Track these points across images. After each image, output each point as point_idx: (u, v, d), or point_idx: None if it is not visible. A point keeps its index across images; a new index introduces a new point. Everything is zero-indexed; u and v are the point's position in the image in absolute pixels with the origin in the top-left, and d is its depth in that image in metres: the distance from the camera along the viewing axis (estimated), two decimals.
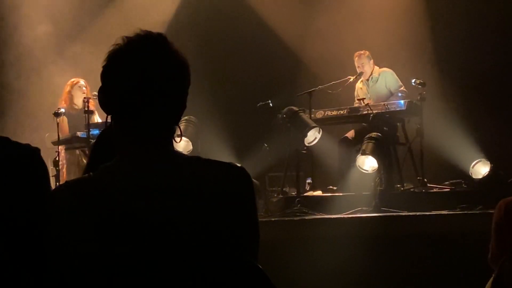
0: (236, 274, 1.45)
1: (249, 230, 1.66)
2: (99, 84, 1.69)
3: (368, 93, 7.46)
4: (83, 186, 1.59)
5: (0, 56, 8.63)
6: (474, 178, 6.88)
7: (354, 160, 6.73)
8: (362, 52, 7.53)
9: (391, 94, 7.33)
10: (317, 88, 7.28)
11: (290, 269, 5.20)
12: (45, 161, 1.71)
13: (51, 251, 1.54)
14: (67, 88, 7.31)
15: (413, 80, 7.06)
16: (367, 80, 7.52)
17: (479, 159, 6.95)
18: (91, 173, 1.61)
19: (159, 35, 1.66)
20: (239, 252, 1.49)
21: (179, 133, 1.70)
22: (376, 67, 7.54)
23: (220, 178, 1.62)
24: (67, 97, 7.30)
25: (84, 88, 7.20)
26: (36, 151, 1.64)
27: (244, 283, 1.46)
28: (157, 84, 1.62)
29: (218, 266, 1.44)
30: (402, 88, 7.33)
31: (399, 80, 7.41)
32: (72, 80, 7.34)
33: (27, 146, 1.63)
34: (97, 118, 7.12)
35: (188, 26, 8.93)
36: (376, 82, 7.46)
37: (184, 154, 1.70)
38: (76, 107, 7.24)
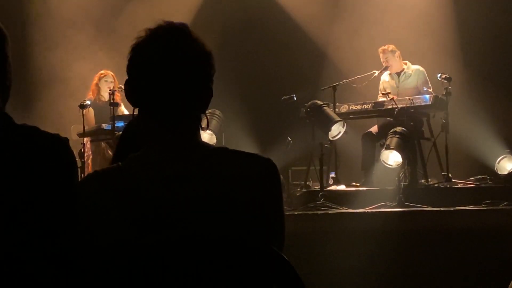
0: (262, 263, 1.46)
1: (276, 220, 1.67)
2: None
3: (397, 87, 7.39)
4: (112, 175, 1.61)
5: (28, 49, 8.72)
6: (500, 174, 6.81)
7: (378, 154, 6.70)
8: (385, 47, 7.45)
9: (418, 93, 7.26)
10: (341, 82, 7.24)
11: (314, 263, 5.20)
12: None
13: (80, 240, 1.56)
14: (95, 80, 7.41)
15: (438, 75, 6.99)
16: (398, 74, 7.46)
17: (505, 155, 6.88)
18: (119, 163, 1.63)
19: (181, 24, 1.67)
20: (265, 242, 1.50)
21: (205, 122, 1.71)
22: (409, 63, 7.46)
23: (247, 169, 1.63)
24: (94, 89, 7.39)
25: (111, 81, 7.26)
26: (65, 141, 1.65)
27: (270, 273, 1.47)
28: (182, 73, 1.63)
29: (245, 255, 1.45)
30: (430, 90, 7.25)
31: (429, 81, 7.34)
32: (101, 72, 7.42)
33: (56, 135, 1.64)
34: (123, 110, 7.17)
35: (213, 19, 8.94)
36: (409, 78, 7.39)
37: (210, 145, 1.72)
38: (103, 99, 7.30)
